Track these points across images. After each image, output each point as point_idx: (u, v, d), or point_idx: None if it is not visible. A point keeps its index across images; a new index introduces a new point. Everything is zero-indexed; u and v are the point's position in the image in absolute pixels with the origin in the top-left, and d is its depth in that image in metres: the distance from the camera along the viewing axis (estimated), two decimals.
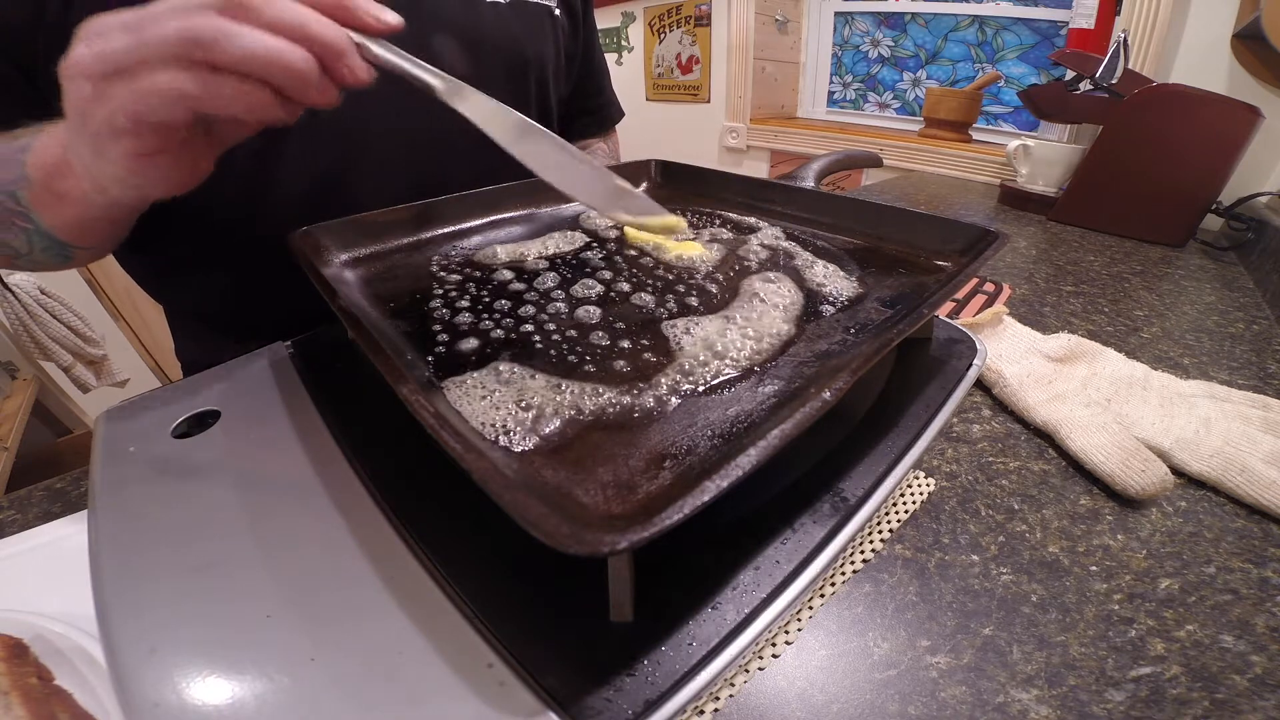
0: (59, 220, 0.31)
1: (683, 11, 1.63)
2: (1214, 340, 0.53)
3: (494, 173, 0.50)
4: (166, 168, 0.26)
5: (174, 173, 0.26)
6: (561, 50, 0.56)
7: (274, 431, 0.27)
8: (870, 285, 0.33)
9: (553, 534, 0.14)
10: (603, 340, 0.27)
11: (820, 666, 0.25)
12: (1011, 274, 0.68)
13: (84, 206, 0.29)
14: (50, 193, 0.29)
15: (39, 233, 0.31)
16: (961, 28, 1.32)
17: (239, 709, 0.16)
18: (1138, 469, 0.33)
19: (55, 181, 0.29)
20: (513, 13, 0.49)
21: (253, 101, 0.23)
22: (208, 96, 0.22)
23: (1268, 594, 0.28)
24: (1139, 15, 0.89)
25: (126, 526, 0.22)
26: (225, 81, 0.22)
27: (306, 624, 0.19)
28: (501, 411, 0.22)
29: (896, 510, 0.32)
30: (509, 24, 0.49)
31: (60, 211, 0.30)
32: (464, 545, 0.21)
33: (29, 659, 0.23)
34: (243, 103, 0.23)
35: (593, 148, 0.65)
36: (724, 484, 0.16)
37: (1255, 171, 0.81)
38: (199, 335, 0.51)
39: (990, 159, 1.15)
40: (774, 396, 0.24)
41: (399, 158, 0.45)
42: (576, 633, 0.19)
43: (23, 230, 0.31)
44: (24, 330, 1.37)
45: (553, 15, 0.54)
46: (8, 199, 0.30)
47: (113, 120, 0.23)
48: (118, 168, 0.25)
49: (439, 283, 0.33)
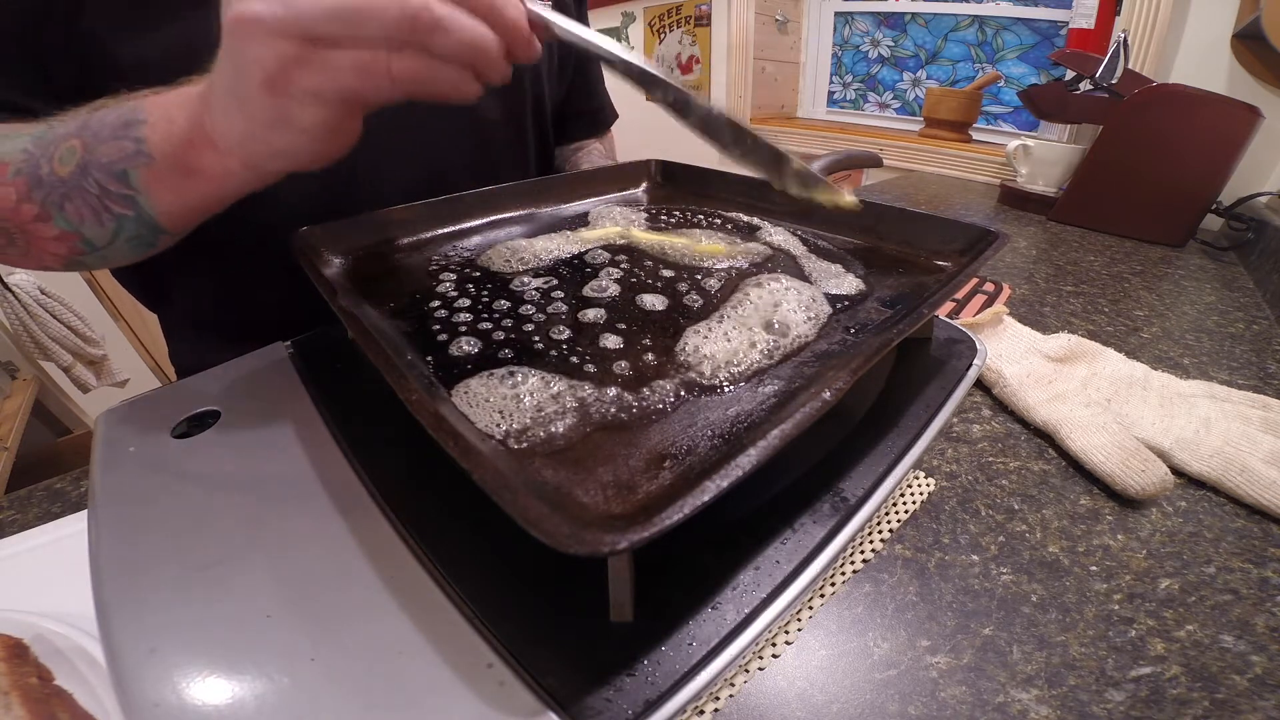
0: (179, 202, 0.29)
1: (683, 11, 1.63)
2: (1214, 340, 0.53)
3: (493, 168, 0.51)
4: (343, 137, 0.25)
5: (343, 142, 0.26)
6: (554, 53, 0.56)
7: (274, 431, 0.27)
8: (870, 285, 0.33)
9: (553, 534, 0.14)
10: (602, 340, 0.27)
11: (820, 666, 0.25)
12: (1011, 274, 0.68)
13: (219, 183, 0.28)
14: (180, 169, 0.27)
15: (139, 219, 0.29)
16: (961, 28, 1.32)
17: (239, 709, 0.16)
18: (1138, 469, 0.33)
19: (190, 155, 0.27)
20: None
21: (460, 83, 0.24)
22: (432, 81, 0.23)
23: (1268, 594, 0.28)
24: (1139, 15, 0.89)
25: (126, 526, 0.22)
26: (446, 67, 0.23)
27: (306, 624, 0.19)
28: (501, 411, 0.22)
29: (896, 510, 0.32)
30: None
31: (188, 190, 0.28)
32: (464, 545, 0.21)
33: (29, 659, 0.23)
34: (453, 86, 0.24)
35: (589, 149, 0.65)
36: (724, 484, 0.16)
37: (1255, 171, 0.81)
38: (194, 341, 0.51)
39: (990, 159, 1.15)
40: (774, 396, 0.24)
41: (393, 159, 0.44)
42: (576, 633, 0.19)
43: (117, 218, 0.29)
44: (24, 330, 1.37)
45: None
46: (114, 180, 0.28)
47: (321, 91, 0.22)
48: (299, 140, 0.24)
49: (439, 283, 0.33)
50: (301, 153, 0.25)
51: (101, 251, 0.31)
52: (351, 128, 0.25)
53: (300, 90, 0.22)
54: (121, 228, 0.29)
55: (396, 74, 0.22)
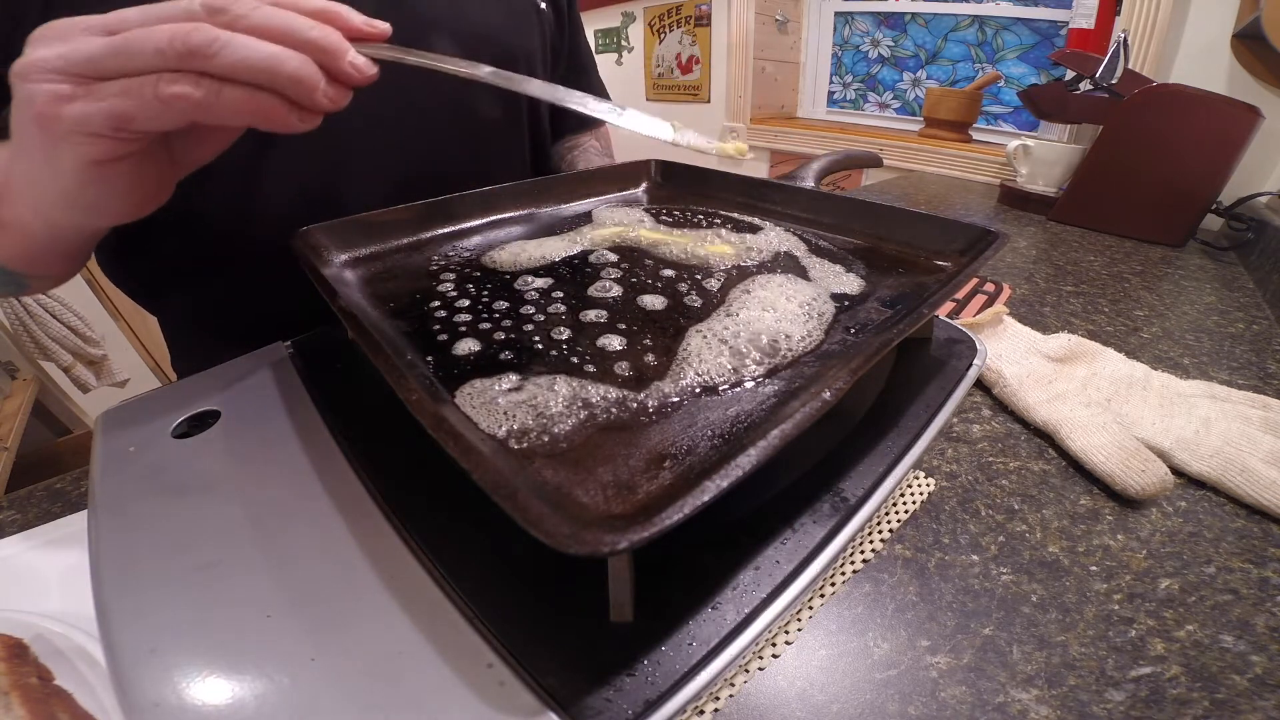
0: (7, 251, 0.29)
1: (683, 11, 1.63)
2: (1214, 340, 0.53)
3: (486, 165, 0.50)
4: (123, 183, 0.24)
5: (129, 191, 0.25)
6: (547, 44, 0.55)
7: (274, 431, 0.27)
8: (870, 285, 0.33)
9: (553, 534, 0.14)
10: (603, 340, 0.27)
11: (820, 666, 0.25)
12: (1011, 274, 0.68)
13: (24, 235, 0.28)
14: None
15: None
16: (961, 28, 1.32)
17: (239, 709, 0.16)
18: (1138, 469, 0.33)
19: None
20: (497, 7, 0.49)
21: (261, 108, 0.23)
22: (217, 104, 0.22)
23: (1268, 594, 0.28)
24: (1139, 15, 0.89)
25: (126, 526, 0.22)
26: (235, 89, 0.22)
27: (306, 624, 0.19)
28: (501, 411, 0.22)
29: (896, 510, 0.32)
30: (494, 18, 0.49)
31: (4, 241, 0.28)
32: (464, 545, 0.21)
33: (29, 659, 0.23)
34: (250, 109, 0.22)
35: (585, 147, 0.64)
36: (724, 484, 0.16)
37: (1255, 171, 0.81)
38: (193, 344, 0.50)
39: (990, 159, 1.14)
40: (774, 396, 0.24)
41: (386, 156, 0.44)
42: (576, 633, 0.19)
43: None
44: (24, 330, 1.37)
45: (538, 10, 0.53)
46: None
47: (88, 121, 0.21)
48: (69, 180, 0.23)
49: (439, 283, 0.33)
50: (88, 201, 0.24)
51: None
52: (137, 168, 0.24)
53: (69, 121, 0.21)
54: None
55: (166, 96, 0.21)
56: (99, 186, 0.24)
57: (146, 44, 0.21)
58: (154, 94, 0.21)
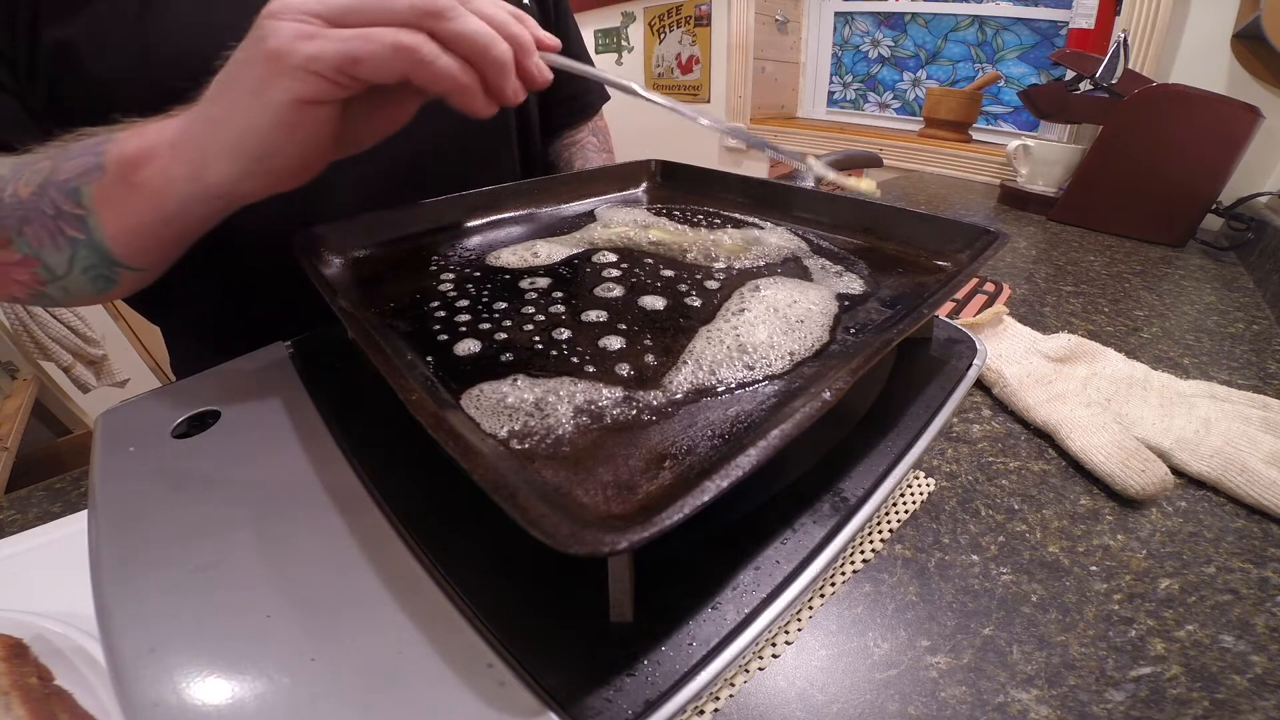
0: (123, 223, 0.28)
1: (683, 11, 1.63)
2: (1214, 340, 0.53)
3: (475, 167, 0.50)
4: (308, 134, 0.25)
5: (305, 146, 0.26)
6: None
7: (274, 431, 0.27)
8: (870, 285, 0.33)
9: (553, 534, 0.14)
10: (602, 341, 0.27)
11: (820, 666, 0.25)
12: (1011, 274, 0.68)
13: (153, 202, 0.27)
14: (125, 184, 0.27)
15: (89, 244, 0.28)
16: (961, 28, 1.32)
17: (239, 709, 0.16)
18: (1138, 469, 0.33)
19: (136, 170, 0.27)
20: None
21: (464, 84, 0.25)
22: (435, 66, 0.24)
23: (1268, 594, 0.28)
24: (1139, 15, 0.89)
25: (126, 526, 0.22)
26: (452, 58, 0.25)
27: (306, 624, 0.19)
28: (501, 411, 0.22)
29: (896, 510, 0.32)
30: None
31: (130, 208, 0.28)
32: (464, 545, 0.21)
33: (29, 659, 0.23)
34: (454, 80, 0.25)
35: (583, 144, 0.63)
36: (724, 484, 0.16)
37: (1255, 171, 0.81)
38: (193, 350, 0.50)
39: (990, 159, 1.15)
40: (774, 396, 0.24)
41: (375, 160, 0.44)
42: (576, 633, 0.19)
43: (71, 241, 0.28)
44: (24, 330, 1.37)
45: (521, 3, 0.53)
46: (67, 198, 0.27)
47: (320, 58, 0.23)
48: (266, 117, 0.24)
49: (439, 283, 0.33)
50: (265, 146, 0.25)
51: (62, 281, 0.30)
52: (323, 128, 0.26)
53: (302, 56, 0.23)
54: (76, 253, 0.29)
55: (400, 44, 0.23)
56: (287, 132, 0.25)
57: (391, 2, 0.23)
58: (391, 40, 0.23)
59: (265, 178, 0.27)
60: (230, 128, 0.25)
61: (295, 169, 0.27)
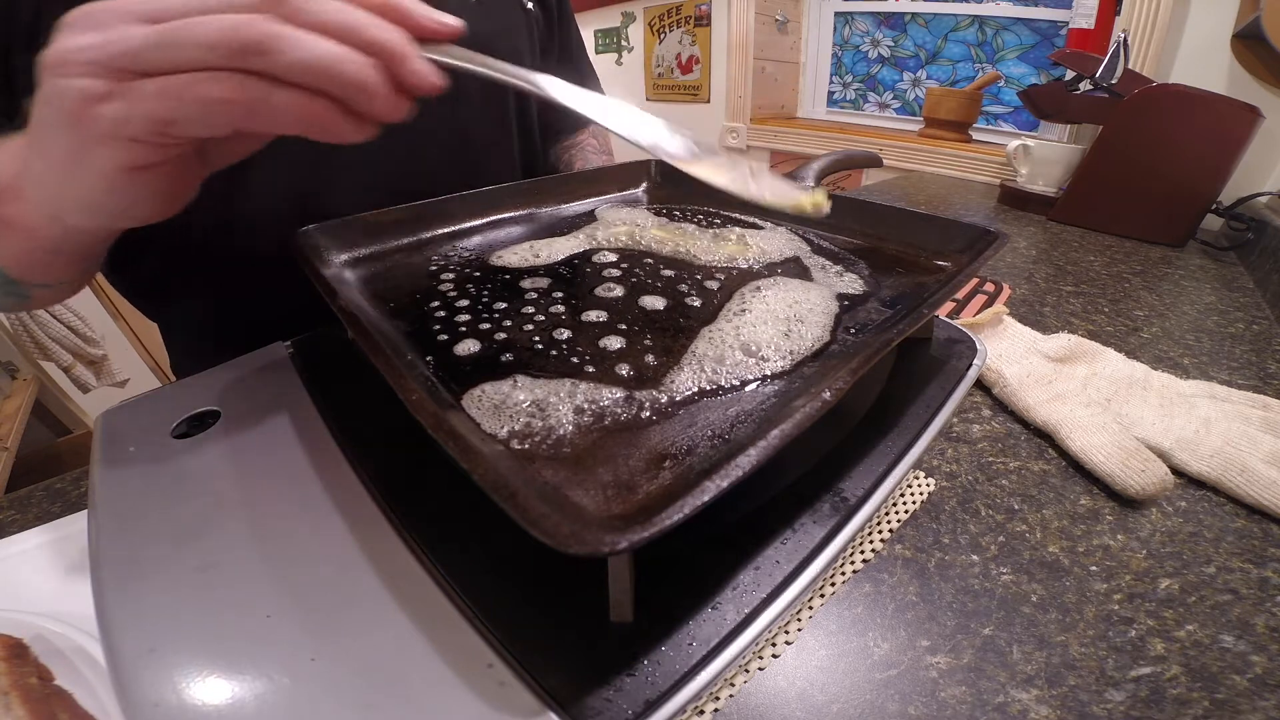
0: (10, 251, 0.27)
1: (683, 11, 1.63)
2: (1214, 340, 0.53)
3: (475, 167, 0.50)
4: (154, 187, 0.22)
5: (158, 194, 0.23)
6: (536, 43, 0.55)
7: (274, 431, 0.27)
8: (870, 285, 0.33)
9: (553, 534, 0.14)
10: (603, 341, 0.27)
11: (820, 666, 0.25)
12: (1011, 274, 0.68)
13: (29, 236, 0.26)
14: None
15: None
16: (961, 28, 1.32)
17: (239, 709, 0.16)
18: (1138, 469, 0.33)
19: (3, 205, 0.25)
20: (482, 10, 0.48)
21: (315, 115, 0.20)
22: (266, 109, 0.19)
23: (1268, 594, 0.28)
24: (1139, 15, 0.89)
25: (126, 526, 0.22)
26: (287, 93, 0.19)
27: (306, 624, 0.19)
28: (501, 411, 0.22)
29: (896, 510, 0.32)
30: (479, 23, 0.48)
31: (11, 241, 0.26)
32: (464, 545, 0.21)
33: (29, 659, 0.23)
34: (302, 116, 0.20)
35: (581, 145, 0.63)
36: (724, 484, 0.16)
37: (1255, 171, 0.81)
38: (192, 349, 0.50)
39: (990, 159, 1.14)
40: (774, 396, 0.24)
41: (374, 158, 0.43)
42: (576, 633, 0.19)
43: None
44: (24, 330, 1.37)
45: (524, 8, 0.53)
46: None
47: (126, 124, 0.19)
48: (95, 185, 0.21)
49: (439, 283, 0.33)
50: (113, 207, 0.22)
51: None
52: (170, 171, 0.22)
53: (105, 123, 0.19)
54: None
55: (211, 99, 0.19)
56: (128, 192, 0.22)
57: (195, 36, 0.18)
58: (198, 96, 0.19)
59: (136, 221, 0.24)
60: (67, 191, 0.22)
61: (164, 207, 0.24)
